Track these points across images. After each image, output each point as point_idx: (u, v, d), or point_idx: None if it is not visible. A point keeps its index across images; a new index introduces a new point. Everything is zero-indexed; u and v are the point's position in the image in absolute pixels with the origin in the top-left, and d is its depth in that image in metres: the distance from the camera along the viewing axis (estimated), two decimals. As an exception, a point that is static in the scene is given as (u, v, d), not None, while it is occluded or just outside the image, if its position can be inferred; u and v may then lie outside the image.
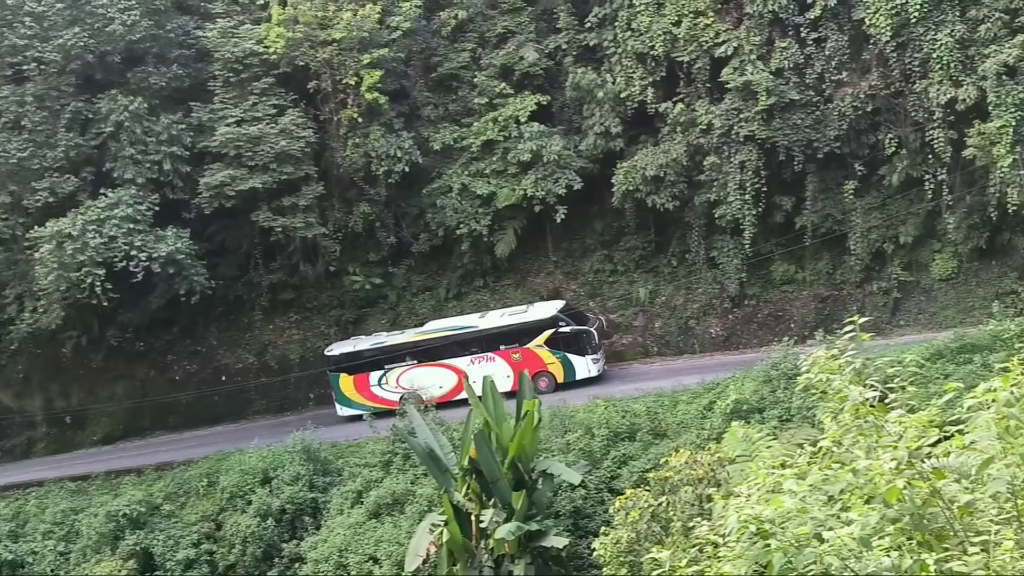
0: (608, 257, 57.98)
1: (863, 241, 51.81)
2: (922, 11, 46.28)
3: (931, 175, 49.28)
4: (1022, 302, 47.75)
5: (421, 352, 51.82)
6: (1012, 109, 44.06)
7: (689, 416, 41.99)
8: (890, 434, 9.41)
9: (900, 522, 8.76)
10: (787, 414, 38.26)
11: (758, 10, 50.63)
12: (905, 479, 8.91)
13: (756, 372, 42.41)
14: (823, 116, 50.76)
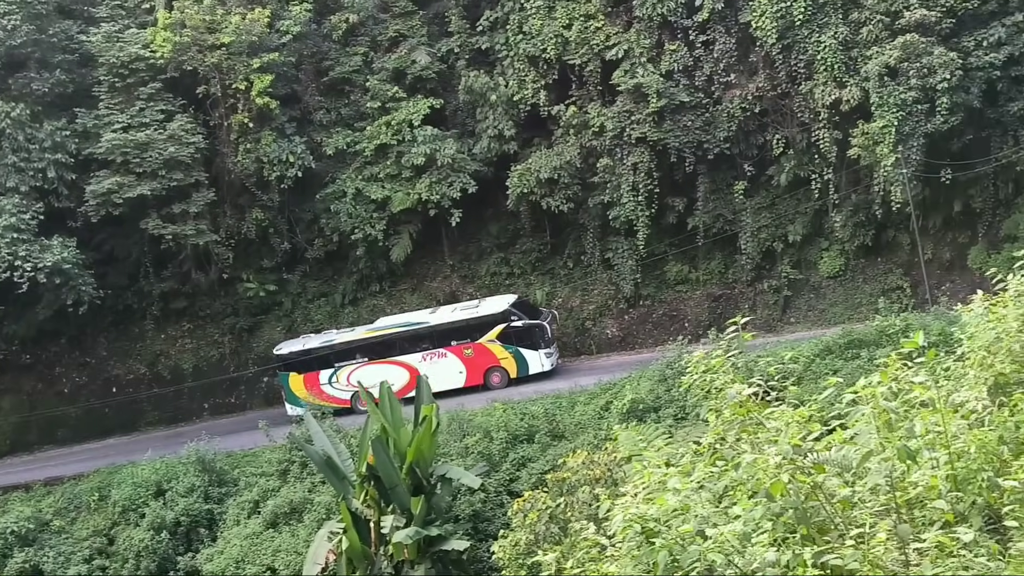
0: (504, 260, 58.14)
1: (753, 240, 52.73)
2: (806, 14, 47.29)
3: (818, 175, 50.40)
4: (907, 298, 49.01)
5: (372, 349, 51.23)
6: (894, 109, 45.20)
7: (587, 417, 42.22)
8: (771, 430, 9.52)
9: (783, 516, 8.88)
10: (682, 412, 38.64)
11: (647, 13, 51.24)
12: (788, 474, 9.02)
13: (651, 371, 42.81)
14: (713, 118, 51.54)
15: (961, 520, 9.31)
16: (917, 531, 8.78)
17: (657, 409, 40.03)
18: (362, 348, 51.32)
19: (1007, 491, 9.79)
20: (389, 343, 51.11)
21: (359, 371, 50.46)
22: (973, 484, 9.85)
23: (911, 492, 9.17)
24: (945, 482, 9.56)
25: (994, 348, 14.80)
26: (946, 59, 44.87)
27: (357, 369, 50.67)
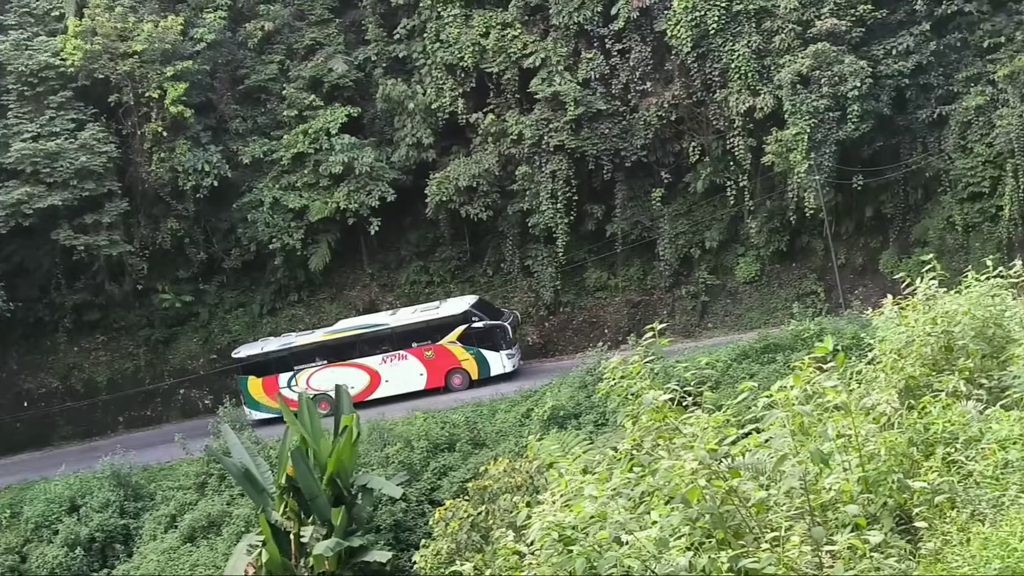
0: (424, 268, 57.96)
1: (671, 247, 53.19)
2: (720, 23, 47.88)
3: (733, 181, 51.05)
4: (821, 302, 49.82)
5: (331, 352, 50.61)
6: (806, 116, 45.96)
7: (508, 424, 42.27)
8: (687, 435, 9.59)
9: (700, 521, 8.95)
10: (603, 419, 38.84)
11: (564, 22, 51.57)
12: (704, 479, 9.09)
13: (572, 378, 43.00)
14: (629, 125, 51.92)
15: (873, 522, 9.47)
16: (830, 533, 8.91)
17: (578, 416, 40.21)
18: (321, 351, 50.71)
19: (917, 492, 9.98)
20: (349, 345, 50.51)
21: (318, 374, 49.99)
22: (884, 486, 10.02)
23: (824, 495, 9.30)
24: (857, 485, 9.72)
25: (904, 351, 15.09)
26: (856, 67, 45.72)
27: (316, 372, 50.14)
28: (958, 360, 14.64)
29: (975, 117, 46.63)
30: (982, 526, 9.18)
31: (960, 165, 47.27)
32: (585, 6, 51.57)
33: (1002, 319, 16.35)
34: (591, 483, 9.15)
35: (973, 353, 14.75)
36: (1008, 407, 12.76)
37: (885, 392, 13.11)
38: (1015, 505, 9.62)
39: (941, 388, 13.81)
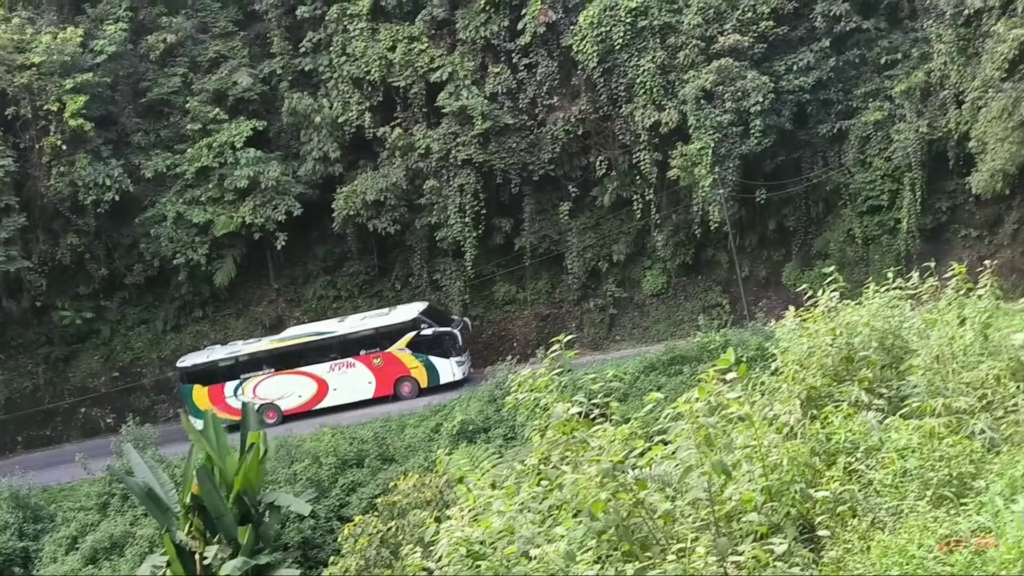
0: (331, 283, 57.53)
1: (579, 260, 53.47)
2: (625, 38, 48.29)
3: (639, 195, 51.49)
4: (726, 314, 50.42)
5: (279, 360, 49.82)
6: (711, 131, 46.55)
7: (417, 439, 42.12)
8: (594, 448, 9.62)
9: (606, 534, 8.97)
10: (512, 433, 38.91)
11: (471, 36, 51.72)
12: (610, 491, 9.12)
13: (481, 392, 43.05)
14: (537, 140, 52.15)
15: (777, 531, 9.58)
16: (735, 543, 8.99)
17: (487, 430, 40.26)
18: (268, 359, 49.97)
19: (819, 501, 10.13)
20: (296, 354, 49.76)
21: (265, 383, 49.34)
22: (787, 496, 10.15)
23: (728, 505, 9.40)
24: (761, 494, 9.83)
25: (806, 362, 15.33)
26: (759, 83, 46.47)
27: (263, 380, 49.43)
28: (859, 370, 14.91)
29: (874, 132, 47.66)
30: (882, 534, 9.34)
31: (859, 179, 48.26)
32: (492, 21, 51.76)
33: (900, 330, 16.69)
34: (499, 498, 9.14)
35: (873, 363, 15.04)
36: (907, 416, 13.03)
37: (788, 403, 13.30)
38: (913, 513, 9.82)
39: (842, 398, 14.05)
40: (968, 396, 13.61)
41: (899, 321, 17.05)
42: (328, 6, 53.93)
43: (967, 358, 15.15)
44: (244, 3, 57.27)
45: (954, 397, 13.62)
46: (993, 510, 9.17)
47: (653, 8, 48.53)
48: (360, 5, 53.31)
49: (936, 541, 8.64)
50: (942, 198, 47.20)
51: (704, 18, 48.10)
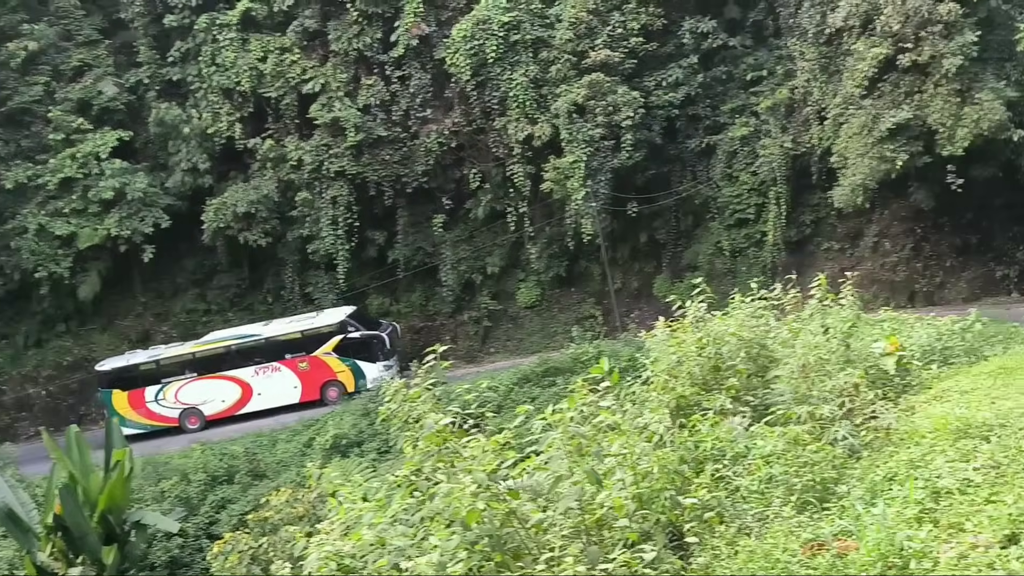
0: (201, 296, 56.52)
1: (453, 273, 53.48)
2: (498, 52, 48.53)
3: (513, 208, 51.74)
4: (599, 326, 50.89)
5: (201, 364, 48.33)
6: (583, 145, 47.03)
7: (289, 454, 41.48)
8: (467, 459, 9.61)
9: (479, 544, 8.96)
10: (386, 446, 38.56)
11: (343, 48, 51.45)
12: (484, 502, 9.13)
13: (355, 406, 42.65)
14: (411, 152, 52.06)
15: (646, 538, 9.68)
16: (606, 551, 9.07)
17: (360, 444, 39.89)
18: (191, 363, 48.57)
19: (688, 508, 10.27)
20: (219, 358, 48.44)
21: (188, 387, 48.06)
22: (657, 503, 10.27)
23: (599, 513, 9.48)
24: (631, 502, 9.94)
25: (676, 372, 15.57)
26: (629, 98, 47.16)
27: (185, 385, 48.12)
28: (726, 379, 15.21)
29: (740, 147, 48.69)
30: (748, 539, 9.51)
31: (727, 193, 49.26)
32: (364, 33, 51.58)
33: (766, 339, 17.06)
34: (370, 510, 9.06)
35: (740, 372, 15.35)
36: (772, 424, 13.33)
37: (658, 411, 13.50)
38: (778, 518, 10.02)
39: (710, 406, 14.30)
40: (830, 403, 13.96)
41: (765, 331, 17.43)
42: (197, 16, 52.95)
43: (830, 367, 15.56)
44: (109, 11, 55.80)
45: (817, 405, 13.96)
46: (854, 514, 9.41)
47: (525, 23, 48.87)
48: (230, 15, 52.62)
49: (800, 545, 8.83)
50: (806, 211, 48.42)
51: (576, 33, 48.60)
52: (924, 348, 19.41)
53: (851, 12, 40.02)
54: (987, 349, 21.00)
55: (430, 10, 51.17)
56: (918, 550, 7.70)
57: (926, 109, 38.65)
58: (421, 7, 50.81)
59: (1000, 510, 8.03)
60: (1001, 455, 9.86)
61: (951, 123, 37.85)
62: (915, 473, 10.01)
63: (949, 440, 11.11)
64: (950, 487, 9.30)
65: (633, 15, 49.35)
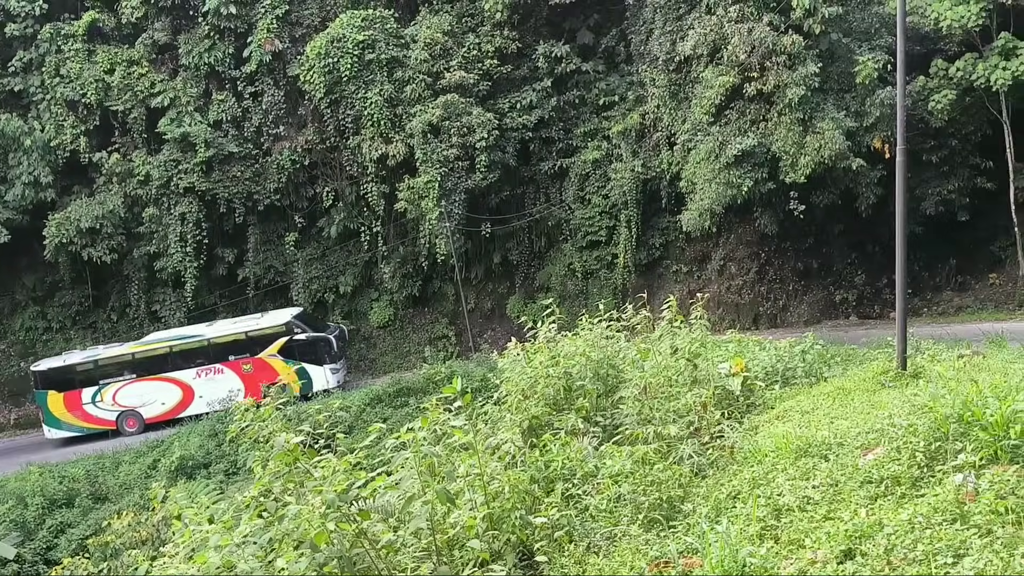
0: (42, 313, 54.64)
1: (305, 291, 52.90)
2: (352, 71, 48.26)
3: (367, 227, 51.51)
4: (452, 345, 50.97)
5: (141, 366, 46.29)
6: (437, 165, 47.06)
7: (133, 476, 40.30)
8: (317, 479, 9.52)
9: (328, 566, 8.87)
10: (234, 468, 37.93)
11: (194, 62, 50.61)
12: (333, 522, 9.03)
13: (201, 427, 41.80)
14: (263, 169, 51.43)
15: (497, 557, 9.72)
16: (456, 571, 9.07)
17: (207, 465, 39.08)
18: (130, 364, 46.53)
19: (538, 528, 10.36)
20: (160, 359, 46.51)
21: (126, 389, 46.09)
22: (507, 523, 10.32)
23: (451, 533, 9.48)
24: (482, 522, 9.97)
25: (527, 392, 15.68)
26: (484, 119, 47.43)
27: (124, 387, 46.12)
28: (576, 399, 15.39)
29: (592, 170, 49.34)
30: (596, 557, 9.63)
31: (579, 215, 49.84)
32: (216, 47, 50.85)
33: (616, 360, 17.30)
34: (216, 533, 8.88)
35: (590, 392, 15.55)
36: (621, 443, 13.53)
37: (510, 431, 13.58)
38: (626, 536, 10.17)
39: (561, 426, 14.46)
40: (678, 423, 14.24)
41: (615, 352, 17.69)
42: (41, 25, 51.36)
43: (677, 387, 15.87)
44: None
45: (665, 424, 14.23)
46: (699, 531, 9.59)
47: (380, 42, 48.75)
48: (76, 25, 51.24)
49: (647, 563, 8.96)
50: (656, 234, 49.28)
51: (431, 54, 48.73)
52: (767, 369, 19.98)
53: (700, 41, 40.93)
54: (826, 370, 21.69)
55: (284, 26, 50.72)
56: (759, 566, 7.89)
57: (770, 137, 39.71)
58: (274, 23, 50.36)
59: (837, 526, 8.28)
60: (839, 473, 10.18)
61: (794, 151, 38.96)
62: (758, 491, 10.27)
63: (790, 459, 11.43)
64: (791, 504, 9.57)
65: (488, 38, 49.75)
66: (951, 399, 10.33)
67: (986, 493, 8.13)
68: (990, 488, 8.24)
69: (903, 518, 7.92)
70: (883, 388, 16.24)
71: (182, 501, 15.86)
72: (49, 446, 45.87)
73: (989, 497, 8.03)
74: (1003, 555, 6.87)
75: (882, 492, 9.18)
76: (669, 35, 43.79)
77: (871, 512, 8.48)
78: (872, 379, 17.28)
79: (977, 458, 9.08)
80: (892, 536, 7.59)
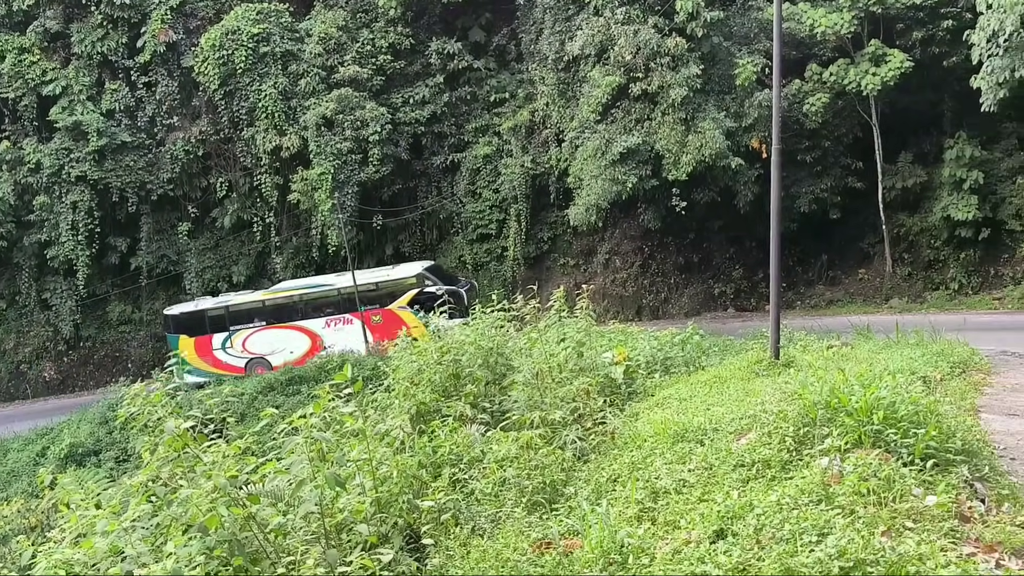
0: (-73, 301, 52.84)
1: (198, 281, 52.00)
2: (247, 63, 47.61)
3: (260, 218, 50.85)
4: (344, 335, 50.56)
5: (271, 314, 44.46)
6: (331, 157, 46.66)
7: (21, 464, 39.26)
8: (207, 464, 9.39)
9: (217, 549, 8.76)
10: (124, 455, 37.17)
11: (87, 51, 49.38)
12: (223, 506, 8.92)
13: (91, 414, 40.83)
14: (156, 159, 50.44)
15: (385, 541, 9.70)
16: (344, 554, 9.02)
17: (98, 452, 38.25)
18: (260, 312, 44.71)
19: (425, 511, 10.36)
20: (290, 307, 44.63)
21: (255, 336, 44.30)
22: (395, 506, 10.31)
23: (339, 517, 9.43)
24: (370, 506, 9.93)
25: (416, 379, 15.68)
26: (377, 113, 47.14)
27: (254, 334, 44.31)
28: (464, 386, 15.43)
29: (483, 165, 49.40)
30: (481, 540, 9.66)
31: (470, 209, 49.87)
32: (109, 37, 49.68)
33: (504, 348, 17.38)
34: (104, 518, 8.70)
35: (478, 380, 15.60)
36: (507, 429, 13.60)
37: (399, 418, 13.55)
38: (510, 519, 10.23)
39: (449, 413, 14.48)
40: (562, 409, 14.37)
41: (503, 341, 17.76)
42: (-73, 10, 49.73)
43: (563, 374, 16.01)
44: None
45: (550, 410, 14.34)
46: (580, 514, 9.70)
47: (275, 35, 48.16)
48: (-35, 12, 49.63)
49: (529, 544, 9.02)
50: (544, 228, 49.56)
51: (325, 48, 48.28)
52: (648, 359, 20.25)
53: (587, 41, 41.21)
54: (704, 360, 22.07)
55: (178, 17, 49.77)
56: (637, 546, 8.00)
57: (654, 135, 40.21)
58: (169, 14, 49.40)
59: (711, 508, 8.43)
60: (713, 457, 10.37)
61: (676, 149, 39.52)
62: (636, 474, 10.41)
63: (668, 443, 11.61)
64: (667, 487, 9.71)
65: (382, 34, 49.42)
66: (819, 387, 10.59)
67: (850, 476, 8.36)
68: (854, 471, 8.47)
69: (772, 499, 8.10)
70: (757, 376, 16.61)
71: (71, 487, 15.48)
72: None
73: (852, 479, 8.26)
74: (864, 533, 7.07)
75: (753, 475, 9.38)
76: (558, 35, 44.02)
77: (743, 494, 8.65)
78: (747, 368, 17.65)
79: (842, 442, 9.33)
80: (761, 516, 7.75)
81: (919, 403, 10.42)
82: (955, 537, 7.62)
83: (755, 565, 6.98)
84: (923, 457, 9.31)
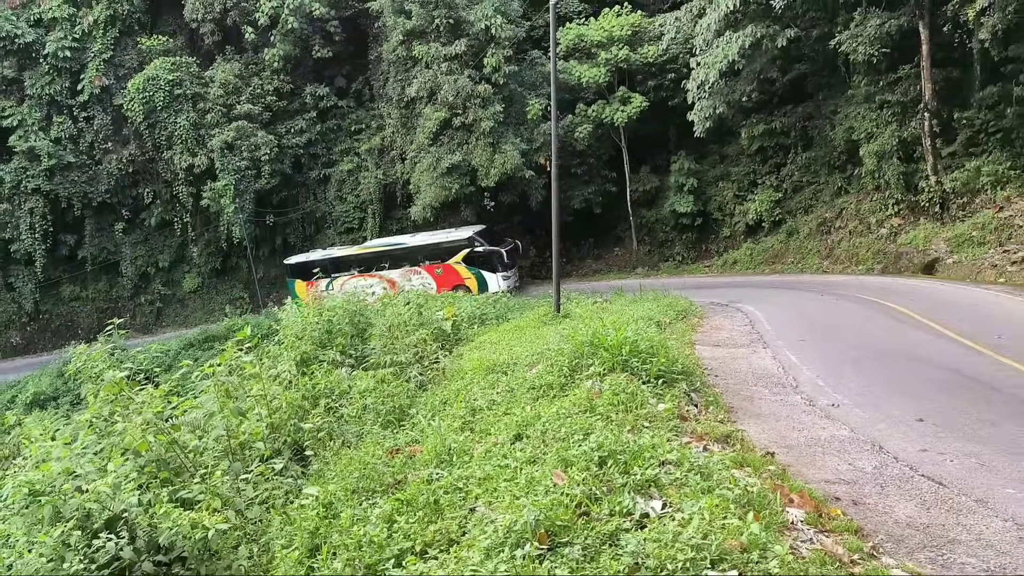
0: (-88, 287, 48.52)
1: (132, 266, 49.50)
2: (165, 101, 45.43)
3: (179, 218, 48.69)
4: (247, 304, 49.02)
5: (362, 264, 40.90)
6: (232, 173, 45.05)
7: (-7, 409, 36.79)
8: (139, 403, 9.06)
9: (148, 467, 8.49)
10: (77, 399, 35.17)
11: (37, 93, 46.18)
12: (152, 434, 8.65)
13: (51, 369, 38.58)
14: (96, 175, 47.57)
15: (277, 454, 9.52)
16: (246, 466, 8.83)
17: (56, 399, 36.14)
18: (355, 262, 41.22)
19: (307, 431, 10.22)
20: (376, 259, 41.08)
21: (350, 282, 39.85)
22: (284, 429, 10.13)
23: (242, 439, 9.21)
24: (266, 429, 9.74)
25: (301, 335, 15.37)
26: (267, 139, 45.67)
27: (349, 280, 40.15)
28: (335, 340, 15.22)
29: (347, 177, 48.47)
30: (349, 450, 9.60)
31: (339, 209, 48.91)
32: (55, 81, 46.49)
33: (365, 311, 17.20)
34: (58, 447, 8.29)
35: (345, 334, 15.42)
36: (367, 369, 13.49)
37: (286, 364, 13.29)
38: (370, 434, 10.19)
39: (324, 359, 14.27)
40: (407, 353, 14.33)
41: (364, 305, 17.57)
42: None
43: (408, 327, 15.97)
44: None
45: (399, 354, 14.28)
46: (421, 428, 9.72)
47: (186, 81, 46.00)
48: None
49: (384, 451, 9.02)
50: (393, 223, 48.96)
51: (225, 91, 46.40)
52: (469, 315, 20.39)
53: (421, 87, 40.93)
54: (510, 314, 22.30)
55: (109, 67, 46.92)
56: (460, 448, 8.08)
57: (471, 155, 40.31)
58: (102, 65, 46.56)
59: (512, 419, 8.57)
60: (515, 384, 10.53)
61: (487, 164, 39.73)
62: (460, 398, 10.50)
63: (482, 375, 11.73)
64: (482, 406, 9.82)
65: (268, 80, 47.77)
66: (586, 331, 10.87)
67: (606, 392, 8.62)
68: (609, 388, 8.73)
69: (553, 411, 8.28)
70: (544, 325, 16.94)
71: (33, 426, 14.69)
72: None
73: (608, 395, 8.51)
74: (615, 431, 7.32)
75: (541, 395, 9.58)
76: (400, 82, 43.54)
77: (533, 408, 8.83)
78: (538, 319, 17.97)
79: (602, 369, 9.60)
80: (546, 423, 7.92)
81: (654, 340, 10.82)
82: (677, 431, 7.97)
83: (541, 458, 7.16)
84: (656, 377, 9.68)
